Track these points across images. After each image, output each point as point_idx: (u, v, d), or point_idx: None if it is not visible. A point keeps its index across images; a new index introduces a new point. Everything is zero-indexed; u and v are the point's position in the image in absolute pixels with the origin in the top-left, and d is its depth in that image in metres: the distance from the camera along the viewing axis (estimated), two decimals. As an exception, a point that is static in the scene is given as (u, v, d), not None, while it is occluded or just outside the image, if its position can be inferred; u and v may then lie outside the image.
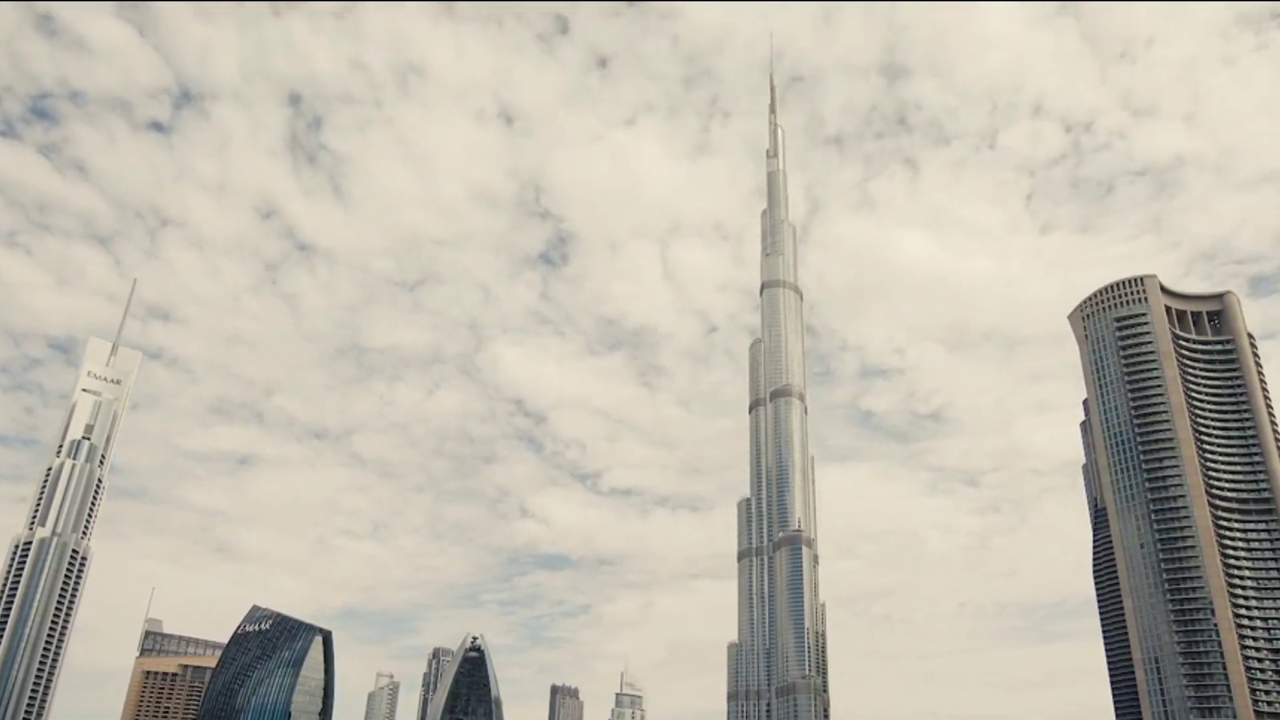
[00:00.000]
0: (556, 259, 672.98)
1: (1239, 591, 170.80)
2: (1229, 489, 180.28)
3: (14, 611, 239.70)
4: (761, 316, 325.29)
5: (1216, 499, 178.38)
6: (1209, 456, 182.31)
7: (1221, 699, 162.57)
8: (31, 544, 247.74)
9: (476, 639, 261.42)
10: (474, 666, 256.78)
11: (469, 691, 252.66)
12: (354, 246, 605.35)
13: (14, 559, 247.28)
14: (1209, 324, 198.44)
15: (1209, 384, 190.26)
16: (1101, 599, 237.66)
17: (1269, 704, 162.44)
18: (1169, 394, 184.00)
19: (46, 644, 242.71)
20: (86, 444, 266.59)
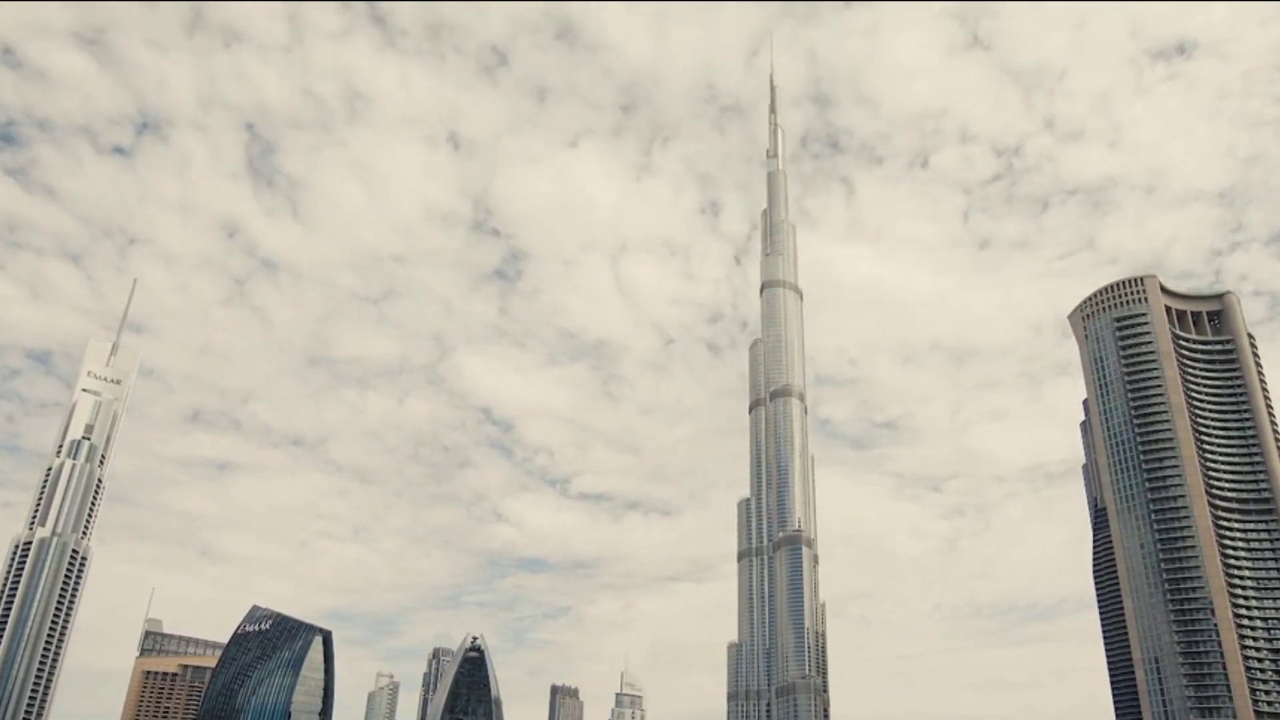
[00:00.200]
0: (511, 274, 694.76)
1: (1239, 591, 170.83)
2: (1229, 489, 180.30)
3: (14, 611, 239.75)
4: (761, 316, 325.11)
5: (1216, 499, 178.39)
6: (1209, 456, 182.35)
7: (1221, 699, 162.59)
8: (31, 544, 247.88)
9: (476, 639, 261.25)
10: (474, 666, 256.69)
11: (469, 691, 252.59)
12: (316, 263, 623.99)
13: (14, 559, 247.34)
14: (1209, 324, 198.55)
15: (1209, 384, 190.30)
16: (1101, 599, 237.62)
17: (1269, 704, 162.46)
18: (1169, 394, 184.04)
19: (46, 644, 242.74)
20: (86, 444, 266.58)
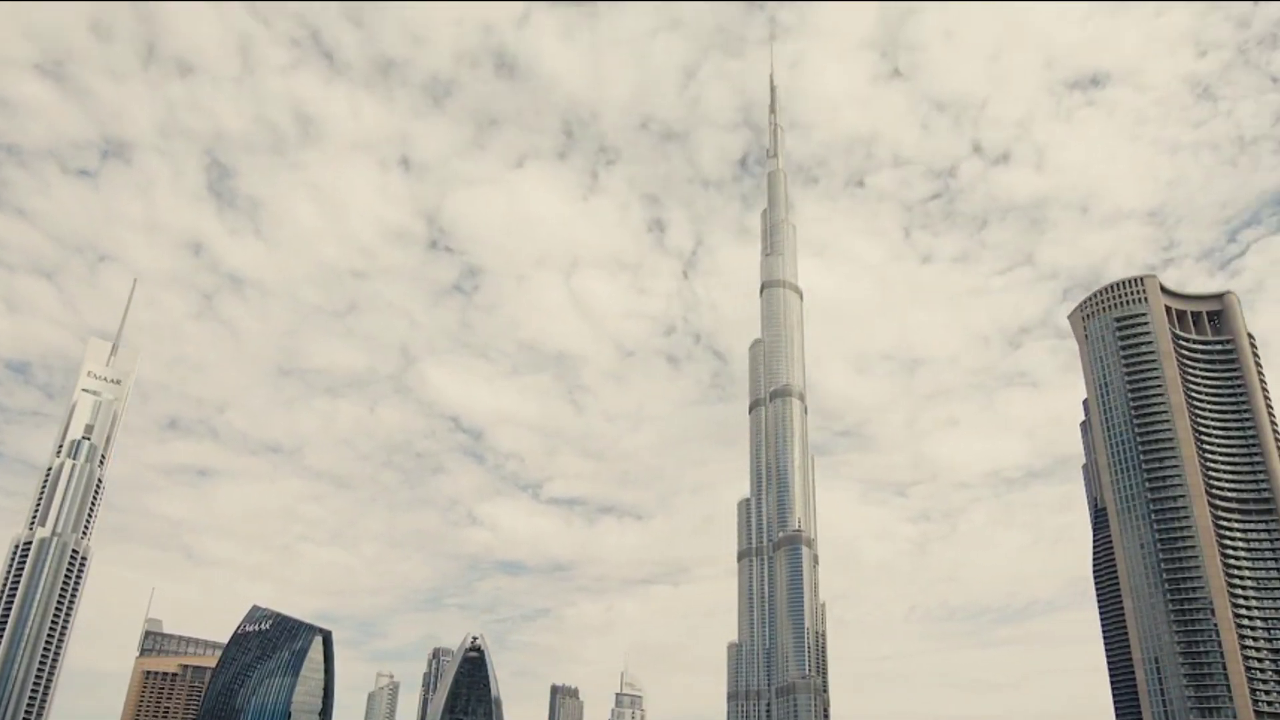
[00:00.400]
0: (469, 289, 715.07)
1: (1239, 591, 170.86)
2: (1229, 489, 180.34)
3: (14, 611, 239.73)
4: (761, 316, 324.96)
5: (1216, 499, 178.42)
6: (1209, 456, 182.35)
7: (1221, 699, 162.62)
8: (31, 544, 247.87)
9: (476, 639, 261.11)
10: (474, 666, 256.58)
11: (469, 691, 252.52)
12: (281, 279, 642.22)
13: (14, 559, 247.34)
14: (1209, 324, 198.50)
15: (1209, 384, 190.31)
16: (1101, 599, 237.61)
17: (1269, 704, 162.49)
18: (1169, 394, 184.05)
19: (46, 644, 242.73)
20: (86, 444, 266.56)
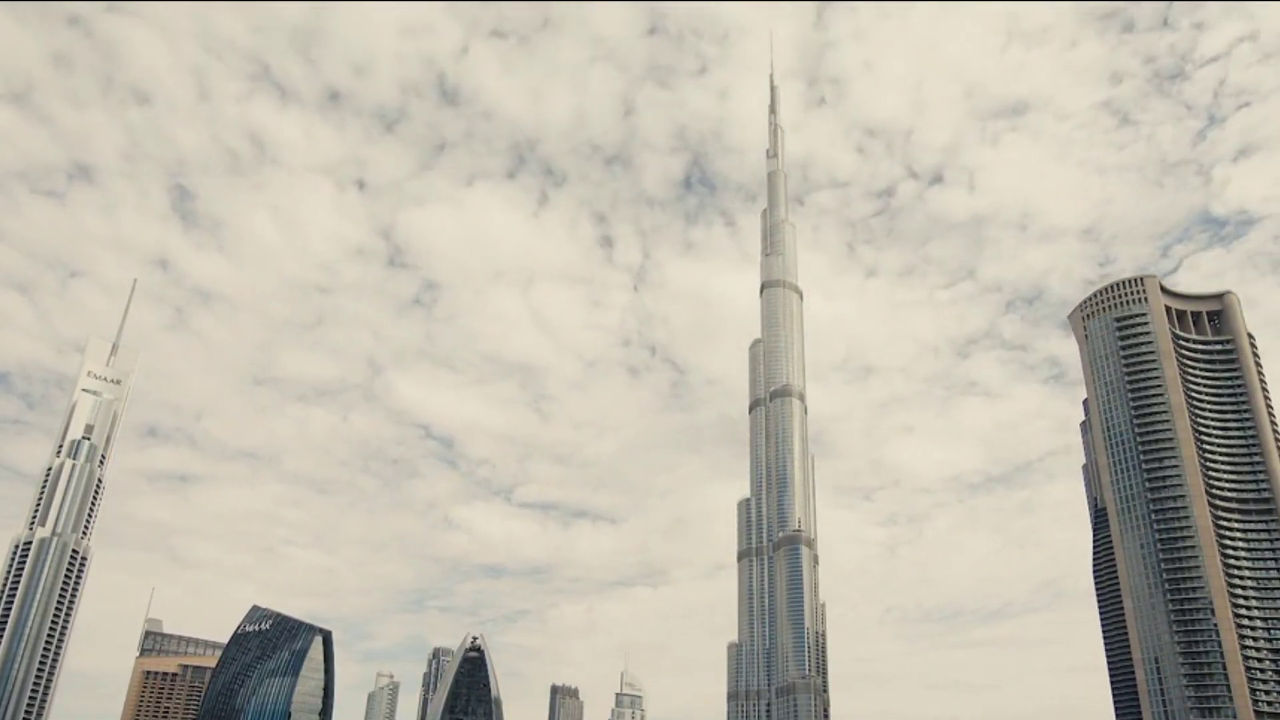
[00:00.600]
0: (429, 302, 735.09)
1: (1239, 591, 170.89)
2: (1229, 489, 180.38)
3: (14, 611, 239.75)
4: (761, 316, 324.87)
5: (1216, 499, 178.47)
6: (1209, 456, 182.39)
7: (1221, 699, 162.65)
8: (31, 544, 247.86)
9: (476, 639, 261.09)
10: (474, 666, 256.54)
11: (469, 691, 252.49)
12: (248, 294, 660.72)
13: (14, 559, 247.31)
14: (1209, 324, 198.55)
15: (1209, 384, 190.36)
16: (1101, 599, 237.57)
17: (1269, 704, 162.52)
18: (1169, 394, 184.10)
19: (46, 644, 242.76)
20: (86, 444, 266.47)
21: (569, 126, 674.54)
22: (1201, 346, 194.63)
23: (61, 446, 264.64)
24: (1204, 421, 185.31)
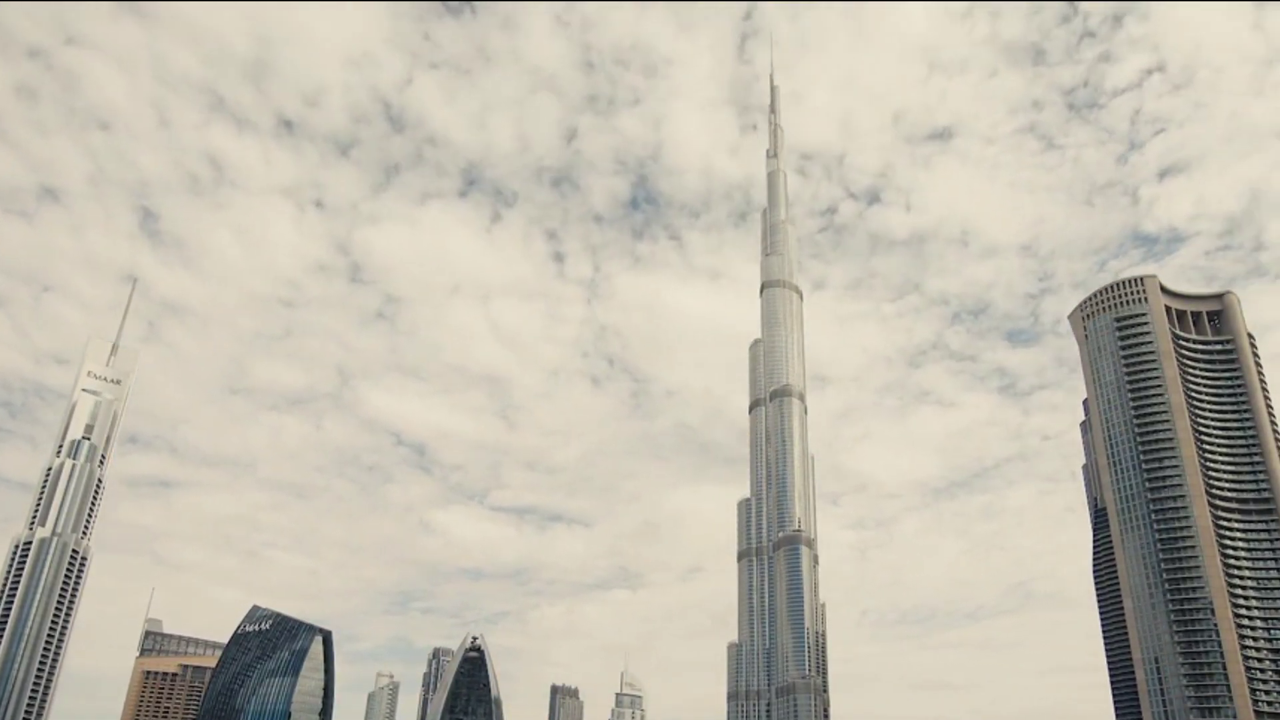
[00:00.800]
0: (391, 315, 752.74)
1: (1239, 591, 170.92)
2: (1229, 489, 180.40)
3: (14, 612, 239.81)
4: (761, 316, 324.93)
5: (1216, 499, 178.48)
6: (1209, 456, 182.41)
7: (1221, 699, 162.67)
8: (31, 544, 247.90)
9: (476, 639, 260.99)
10: (474, 667, 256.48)
11: (469, 692, 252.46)
12: (216, 309, 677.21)
13: (14, 559, 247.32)
14: (1209, 324, 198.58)
15: (1209, 384, 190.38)
16: (1101, 599, 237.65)
17: (1269, 704, 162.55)
18: (1169, 394, 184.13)
19: (46, 644, 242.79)
20: (86, 444, 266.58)
21: (514, 151, 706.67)
22: (1201, 346, 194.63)
23: (61, 446, 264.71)
24: (1204, 421, 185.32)
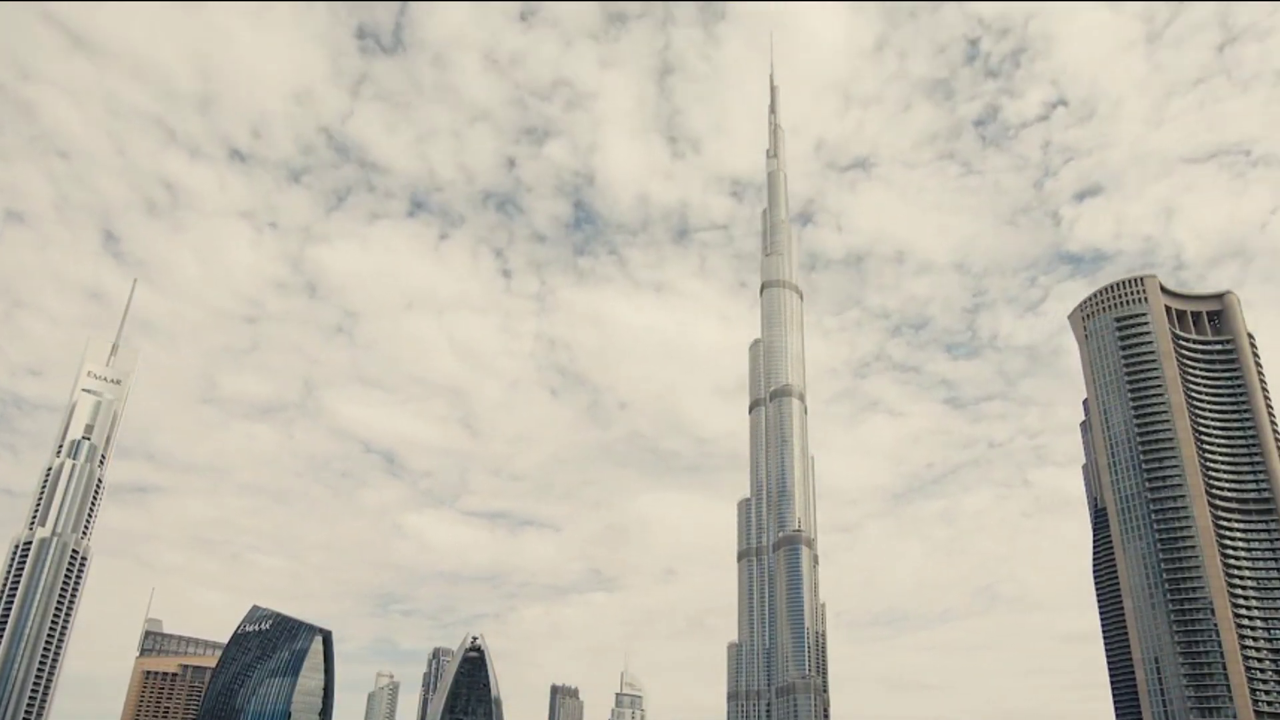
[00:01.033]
0: (349, 329, 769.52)
1: (1239, 591, 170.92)
2: (1229, 489, 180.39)
3: (14, 612, 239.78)
4: (761, 316, 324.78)
5: (1216, 499, 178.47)
6: (1209, 456, 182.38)
7: (1221, 699, 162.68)
8: (31, 544, 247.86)
9: (476, 639, 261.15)
10: (474, 667, 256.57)
11: (469, 692, 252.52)
12: (181, 325, 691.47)
13: (14, 559, 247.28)
14: (1209, 324, 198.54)
15: (1209, 384, 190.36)
16: (1101, 599, 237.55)
17: (1269, 704, 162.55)
18: (1169, 394, 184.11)
19: (46, 644, 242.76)
20: (86, 444, 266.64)
21: (456, 177, 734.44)
22: (1201, 346, 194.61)
23: (61, 446, 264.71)
24: (1204, 421, 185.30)
